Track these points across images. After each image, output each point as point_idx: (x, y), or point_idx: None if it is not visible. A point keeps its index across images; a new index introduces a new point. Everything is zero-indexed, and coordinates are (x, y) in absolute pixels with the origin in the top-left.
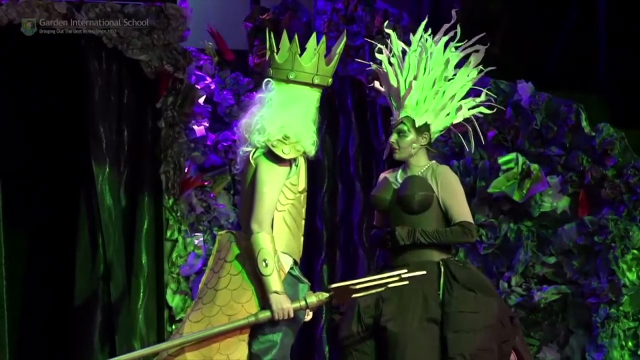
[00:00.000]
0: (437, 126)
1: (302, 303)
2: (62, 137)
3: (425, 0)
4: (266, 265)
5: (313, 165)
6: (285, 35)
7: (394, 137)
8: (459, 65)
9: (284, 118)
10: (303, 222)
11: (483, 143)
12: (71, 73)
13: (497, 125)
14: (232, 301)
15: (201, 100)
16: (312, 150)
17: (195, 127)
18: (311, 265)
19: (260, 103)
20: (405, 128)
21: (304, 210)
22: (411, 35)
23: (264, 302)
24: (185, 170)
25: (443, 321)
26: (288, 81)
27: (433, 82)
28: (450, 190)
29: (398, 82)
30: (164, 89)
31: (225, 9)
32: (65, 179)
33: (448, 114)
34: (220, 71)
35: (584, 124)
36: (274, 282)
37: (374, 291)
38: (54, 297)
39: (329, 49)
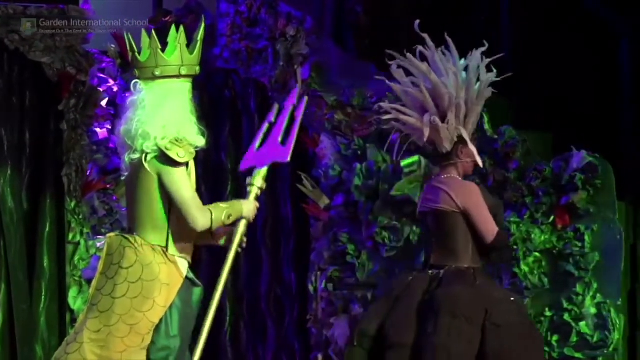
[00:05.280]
0: None
1: (257, 190)
2: None
3: (329, 3)
4: (229, 216)
5: (216, 168)
6: (144, 34)
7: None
8: None
9: (162, 117)
10: None
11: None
12: None
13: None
14: (132, 309)
15: (104, 102)
16: (202, 141)
17: (97, 129)
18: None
19: (133, 106)
20: None
21: None
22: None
23: (186, 312)
24: (88, 173)
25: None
26: (155, 78)
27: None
28: None
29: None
30: (67, 91)
31: (128, 11)
32: None
33: None
34: (123, 73)
35: (486, 126)
36: (236, 212)
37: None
38: None
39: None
